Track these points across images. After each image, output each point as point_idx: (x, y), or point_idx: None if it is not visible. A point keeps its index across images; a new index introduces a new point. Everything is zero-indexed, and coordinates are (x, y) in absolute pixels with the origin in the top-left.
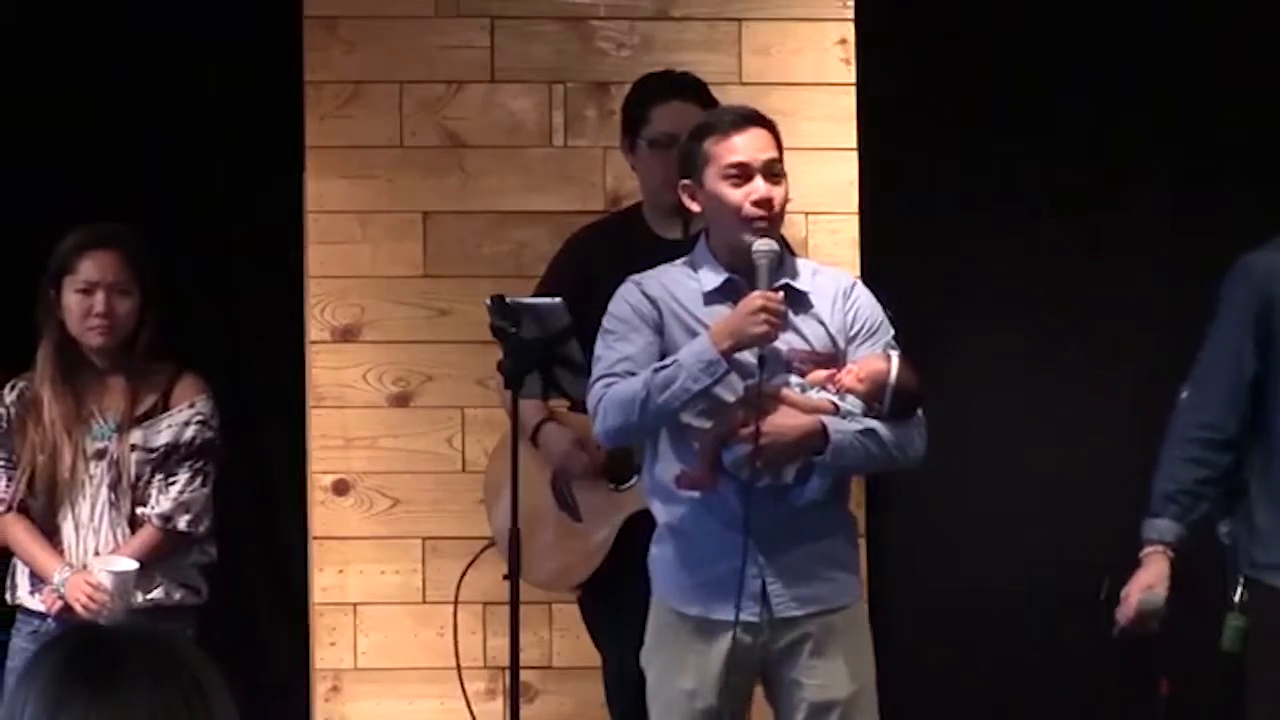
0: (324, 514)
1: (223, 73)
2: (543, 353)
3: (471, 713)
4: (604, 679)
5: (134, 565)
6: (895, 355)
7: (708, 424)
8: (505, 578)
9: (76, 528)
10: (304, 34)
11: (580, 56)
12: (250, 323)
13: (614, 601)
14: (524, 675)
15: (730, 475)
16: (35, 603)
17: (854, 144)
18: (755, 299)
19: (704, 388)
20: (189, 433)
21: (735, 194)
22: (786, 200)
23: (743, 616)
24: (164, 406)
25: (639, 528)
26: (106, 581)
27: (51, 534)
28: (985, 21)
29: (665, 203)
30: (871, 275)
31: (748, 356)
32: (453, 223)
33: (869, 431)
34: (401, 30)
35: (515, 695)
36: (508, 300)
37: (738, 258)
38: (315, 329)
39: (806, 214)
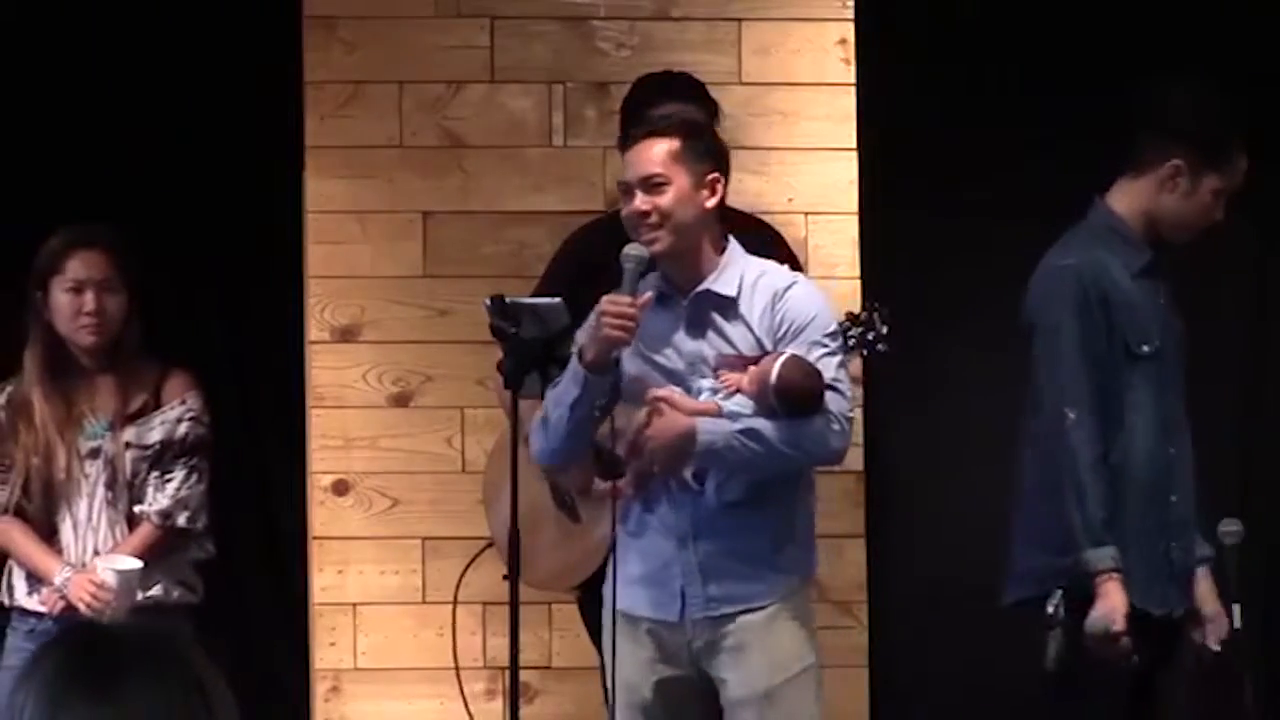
0: (324, 514)
1: (223, 73)
2: (542, 353)
3: (469, 713)
4: (602, 679)
5: (138, 564)
6: (783, 356)
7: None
8: (505, 578)
9: (75, 527)
10: (304, 34)
11: (580, 56)
12: (250, 323)
13: None
14: (524, 675)
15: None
16: (33, 603)
17: (854, 144)
18: (601, 303)
19: (574, 399)
20: (182, 429)
21: (624, 208)
22: (682, 205)
23: (661, 615)
24: (155, 404)
25: None
26: (111, 580)
27: (49, 535)
28: (985, 21)
29: None
30: (871, 275)
31: (676, 363)
32: (453, 223)
33: (749, 431)
34: (401, 30)
35: (515, 695)
36: (507, 300)
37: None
38: (315, 329)
39: (806, 214)
